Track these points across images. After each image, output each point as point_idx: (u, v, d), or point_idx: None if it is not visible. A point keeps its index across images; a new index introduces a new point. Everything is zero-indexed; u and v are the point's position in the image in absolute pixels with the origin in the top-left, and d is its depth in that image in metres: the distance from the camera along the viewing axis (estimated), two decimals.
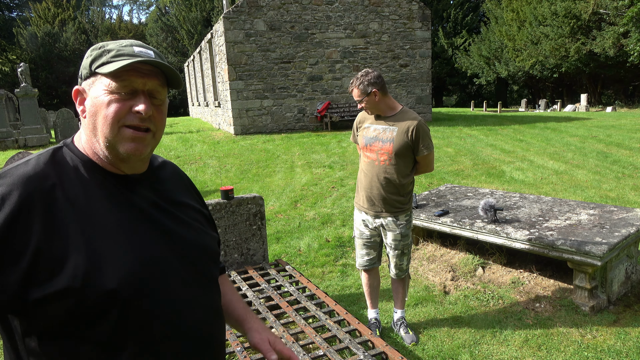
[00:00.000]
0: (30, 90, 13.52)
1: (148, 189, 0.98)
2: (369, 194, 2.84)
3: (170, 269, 0.93)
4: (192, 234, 1.01)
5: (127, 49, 0.91)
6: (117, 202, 0.91)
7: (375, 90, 2.68)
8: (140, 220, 0.93)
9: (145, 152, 0.93)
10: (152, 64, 0.90)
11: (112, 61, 0.89)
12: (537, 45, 25.71)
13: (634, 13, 19.44)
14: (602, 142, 10.14)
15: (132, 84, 0.89)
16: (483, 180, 7.15)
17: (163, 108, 0.96)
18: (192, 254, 0.99)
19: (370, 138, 2.81)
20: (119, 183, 0.94)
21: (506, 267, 3.86)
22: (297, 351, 2.50)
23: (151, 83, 0.91)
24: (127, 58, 0.88)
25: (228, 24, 12.67)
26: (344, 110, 13.97)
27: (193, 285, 0.97)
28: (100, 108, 0.89)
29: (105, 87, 0.89)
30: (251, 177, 8.05)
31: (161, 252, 0.92)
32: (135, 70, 0.89)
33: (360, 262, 3.04)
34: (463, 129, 13.07)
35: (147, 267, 0.89)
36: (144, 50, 0.93)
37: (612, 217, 3.54)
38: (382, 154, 2.75)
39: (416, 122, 2.69)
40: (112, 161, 0.92)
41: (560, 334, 2.94)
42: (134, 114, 0.89)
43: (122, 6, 73.17)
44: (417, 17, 14.54)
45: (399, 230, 2.84)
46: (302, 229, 5.30)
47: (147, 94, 0.91)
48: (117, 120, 0.88)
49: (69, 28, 34.75)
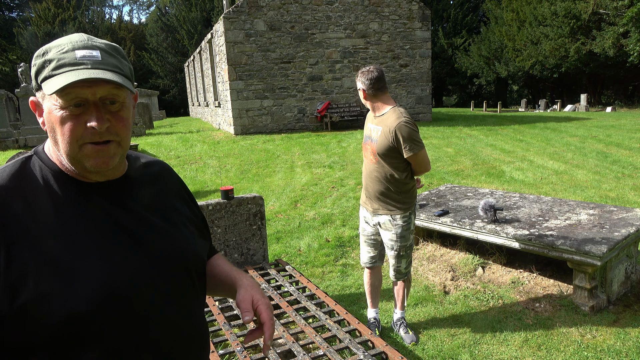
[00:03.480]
0: (30, 90, 13.51)
1: (123, 195, 0.93)
2: (366, 191, 2.93)
3: (143, 284, 0.87)
4: (172, 243, 0.95)
5: (68, 56, 0.82)
6: (87, 213, 0.86)
7: (362, 88, 2.76)
8: (113, 232, 0.87)
9: (113, 162, 0.87)
10: (92, 81, 0.80)
11: (53, 75, 0.81)
12: (537, 45, 25.70)
13: (633, 13, 19.44)
14: (602, 142, 10.14)
15: (80, 96, 0.81)
16: (483, 180, 7.15)
17: (123, 112, 0.87)
18: (170, 267, 0.92)
19: (365, 136, 2.91)
20: (90, 192, 0.89)
21: (506, 267, 3.86)
22: (297, 351, 2.51)
23: (101, 90, 0.83)
24: (67, 69, 0.81)
25: (228, 24, 12.67)
26: (344, 110, 13.97)
27: (170, 302, 0.91)
28: (55, 125, 0.83)
29: (55, 102, 0.82)
30: (251, 177, 8.05)
31: (134, 266, 0.87)
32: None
33: (363, 259, 3.08)
34: (463, 129, 13.07)
35: (117, 284, 0.83)
36: (87, 54, 0.83)
37: (612, 217, 3.55)
38: (371, 153, 2.82)
39: (396, 124, 2.63)
40: (81, 173, 0.88)
41: (560, 333, 2.95)
42: (89, 129, 0.82)
43: (122, 6, 73.19)
44: (417, 17, 14.55)
45: (394, 230, 2.82)
46: (302, 229, 5.30)
47: (101, 102, 0.84)
48: (75, 140, 0.83)
49: (69, 28, 34.73)
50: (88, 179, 0.89)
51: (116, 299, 0.83)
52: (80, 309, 0.78)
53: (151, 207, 0.97)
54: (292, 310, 2.98)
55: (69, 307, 0.78)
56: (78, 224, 0.84)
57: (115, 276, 0.83)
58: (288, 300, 3.17)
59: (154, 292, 0.88)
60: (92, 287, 0.80)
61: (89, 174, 0.88)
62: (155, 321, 0.88)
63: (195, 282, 0.99)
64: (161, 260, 0.91)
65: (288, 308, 3.01)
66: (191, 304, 0.98)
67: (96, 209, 0.88)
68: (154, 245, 0.92)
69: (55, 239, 0.81)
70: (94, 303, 0.80)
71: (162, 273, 0.91)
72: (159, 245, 0.93)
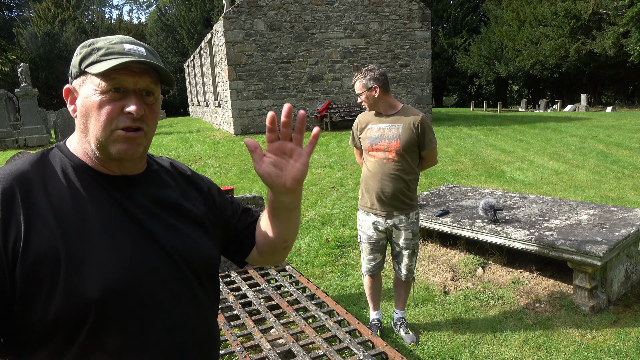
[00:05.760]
0: (30, 90, 13.52)
1: (141, 191, 0.94)
2: (379, 194, 2.80)
3: (156, 279, 0.88)
4: (186, 242, 0.95)
5: (117, 47, 0.88)
6: (104, 205, 0.88)
7: (376, 86, 2.70)
8: (128, 225, 0.88)
9: (138, 152, 0.90)
10: (143, 62, 0.87)
11: (102, 60, 0.86)
12: (537, 45, 25.70)
13: (634, 13, 19.44)
14: (602, 142, 10.14)
15: (122, 83, 0.86)
16: (483, 180, 7.15)
17: (155, 107, 0.92)
18: (183, 265, 0.93)
19: (375, 138, 2.81)
20: (110, 184, 0.90)
21: (506, 267, 3.86)
22: (297, 351, 2.50)
23: (142, 82, 0.88)
24: (116, 57, 0.85)
25: (228, 24, 12.67)
26: (344, 110, 13.97)
27: (181, 300, 0.91)
28: (91, 109, 0.86)
29: (96, 86, 0.86)
30: (251, 177, 8.05)
31: (148, 261, 0.88)
32: (125, 69, 0.85)
33: (367, 267, 2.99)
34: (463, 129, 13.07)
35: (130, 276, 0.84)
36: (134, 48, 0.89)
37: (612, 217, 3.54)
38: (389, 152, 2.75)
39: (420, 117, 2.74)
40: (103, 161, 0.90)
41: (560, 334, 2.94)
42: (125, 114, 0.86)
43: (122, 6, 73.20)
44: (417, 17, 14.54)
45: (411, 229, 2.85)
46: (302, 229, 5.30)
47: (139, 92, 0.88)
48: (109, 123, 0.86)
49: (69, 28, 34.73)
50: (108, 171, 0.91)
51: (122, 292, 0.83)
52: (90, 296, 0.79)
53: (169, 205, 0.97)
54: (292, 310, 2.98)
55: (76, 296, 0.79)
56: (92, 215, 0.85)
57: (125, 267, 0.84)
58: (288, 300, 3.17)
59: (162, 288, 0.88)
60: (99, 278, 0.81)
61: (111, 163, 0.90)
62: (159, 317, 0.88)
63: (205, 283, 0.99)
64: (170, 254, 0.92)
65: (288, 308, 3.01)
66: (199, 303, 0.96)
67: (112, 202, 0.89)
68: (170, 243, 0.92)
69: (68, 227, 0.82)
70: (102, 291, 0.80)
71: (170, 270, 0.91)
72: (176, 245, 0.93)
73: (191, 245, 0.96)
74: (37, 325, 0.80)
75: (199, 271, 0.96)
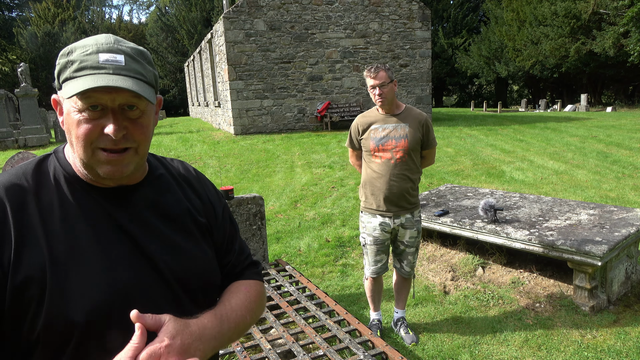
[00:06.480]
0: (30, 90, 13.52)
1: (138, 201, 0.90)
2: (387, 194, 2.77)
3: (144, 300, 0.83)
4: (181, 259, 0.90)
5: (90, 59, 0.80)
6: (95, 219, 0.84)
7: (395, 80, 2.75)
8: (119, 242, 0.85)
9: (127, 171, 0.85)
10: (110, 88, 0.78)
11: (74, 77, 0.80)
12: (537, 45, 25.70)
13: (634, 13, 19.44)
14: (602, 142, 10.14)
15: (99, 100, 0.79)
16: (483, 180, 7.15)
17: (142, 119, 0.85)
18: (175, 284, 0.88)
19: (381, 138, 2.77)
20: (104, 198, 0.86)
21: (506, 267, 3.86)
22: (297, 351, 2.50)
23: (120, 97, 0.80)
24: (88, 73, 0.79)
25: (228, 24, 12.67)
26: (344, 110, 13.97)
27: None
28: (71, 127, 0.82)
29: (74, 104, 0.80)
30: (251, 177, 8.05)
31: (137, 280, 0.84)
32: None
33: (374, 269, 2.95)
34: (463, 129, 13.07)
35: (117, 298, 0.80)
36: (110, 58, 0.81)
37: (612, 217, 3.54)
38: (397, 152, 2.74)
39: (424, 117, 2.82)
40: (94, 178, 0.86)
41: (560, 334, 2.94)
42: (105, 135, 0.80)
43: (122, 6, 73.23)
44: (417, 17, 14.54)
45: (416, 227, 2.90)
46: (302, 229, 5.29)
47: (119, 109, 0.81)
48: (89, 144, 0.81)
49: (69, 28, 34.74)
50: (101, 184, 0.87)
51: (107, 314, 0.80)
52: (75, 319, 0.77)
53: (166, 215, 0.93)
54: (292, 310, 2.98)
55: (61, 319, 0.77)
56: (82, 231, 0.83)
57: (112, 287, 0.81)
58: (288, 300, 3.17)
59: (151, 309, 0.81)
60: (86, 300, 0.79)
61: (102, 180, 0.86)
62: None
63: (200, 302, 0.93)
64: (163, 273, 0.87)
65: (288, 308, 3.01)
66: None
67: (104, 216, 0.85)
68: (164, 260, 0.88)
69: (58, 243, 0.80)
70: (88, 313, 0.78)
71: (161, 289, 0.87)
72: (164, 261, 0.88)
73: (187, 264, 0.91)
74: (22, 343, 0.78)
75: (194, 291, 0.92)
